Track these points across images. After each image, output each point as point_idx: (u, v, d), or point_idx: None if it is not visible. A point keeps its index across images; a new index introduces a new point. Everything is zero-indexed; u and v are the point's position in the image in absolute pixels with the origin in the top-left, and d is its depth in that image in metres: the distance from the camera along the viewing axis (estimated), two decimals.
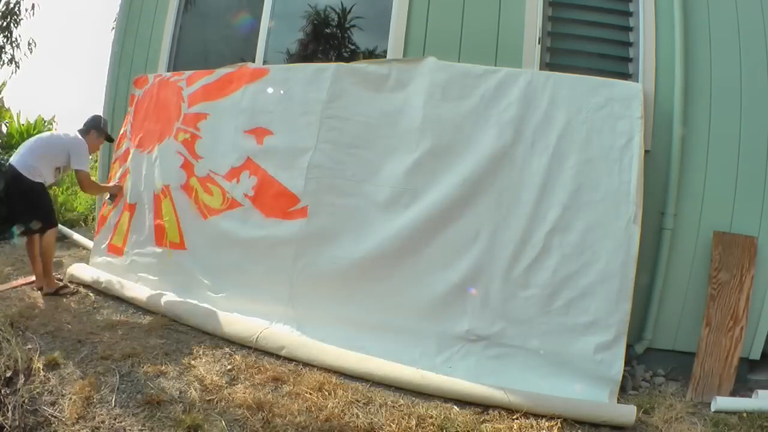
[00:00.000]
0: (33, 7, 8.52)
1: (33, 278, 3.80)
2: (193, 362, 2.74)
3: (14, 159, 3.53)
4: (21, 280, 3.77)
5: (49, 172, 3.58)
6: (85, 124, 3.80)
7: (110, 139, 4.05)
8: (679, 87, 3.16)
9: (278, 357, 2.86)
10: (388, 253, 3.04)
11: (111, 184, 4.06)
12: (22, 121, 6.41)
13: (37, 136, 3.86)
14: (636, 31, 3.35)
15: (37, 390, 2.35)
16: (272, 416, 2.29)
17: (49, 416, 2.19)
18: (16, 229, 3.76)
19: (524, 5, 3.42)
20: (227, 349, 2.92)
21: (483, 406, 2.52)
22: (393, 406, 2.46)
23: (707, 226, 3.13)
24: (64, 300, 3.46)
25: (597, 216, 2.86)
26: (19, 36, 8.67)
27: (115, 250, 3.89)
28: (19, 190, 3.42)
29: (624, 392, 2.83)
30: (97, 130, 3.81)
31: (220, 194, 3.44)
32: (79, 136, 3.69)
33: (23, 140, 5.87)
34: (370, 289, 3.05)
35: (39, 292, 3.56)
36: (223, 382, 2.57)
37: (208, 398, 2.41)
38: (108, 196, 4.07)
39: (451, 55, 3.40)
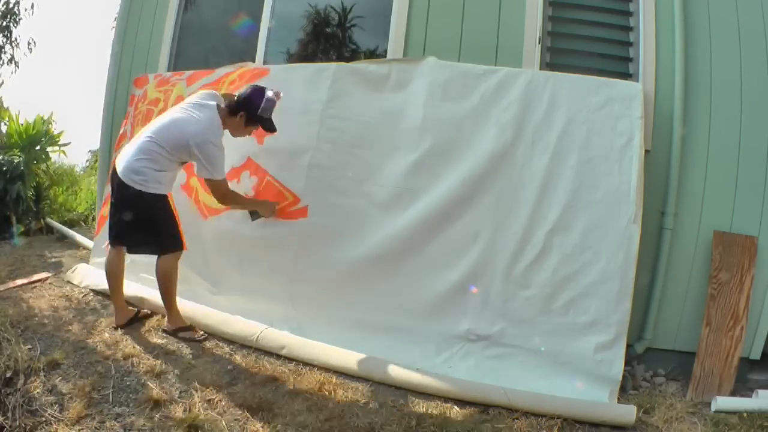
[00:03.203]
0: (32, 6, 8.54)
1: (34, 278, 3.79)
2: (193, 362, 2.74)
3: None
4: (21, 280, 3.77)
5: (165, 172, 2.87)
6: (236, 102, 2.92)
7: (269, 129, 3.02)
8: (679, 87, 3.16)
9: (278, 357, 2.86)
10: (389, 253, 3.04)
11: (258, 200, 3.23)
12: (21, 121, 6.41)
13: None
14: (636, 30, 3.35)
15: (37, 390, 2.35)
16: (272, 416, 2.29)
17: (49, 416, 2.19)
18: (16, 229, 3.76)
19: (524, 5, 3.42)
20: (227, 349, 2.92)
21: (483, 406, 2.52)
22: (393, 406, 2.46)
23: (707, 226, 3.13)
24: (63, 301, 3.45)
25: (597, 216, 2.86)
26: (19, 36, 8.70)
27: None
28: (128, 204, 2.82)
29: (624, 392, 2.83)
30: (248, 112, 2.90)
31: None
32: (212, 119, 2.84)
33: (22, 140, 5.88)
34: (370, 289, 3.05)
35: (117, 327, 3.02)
36: (223, 382, 2.57)
37: (208, 398, 2.41)
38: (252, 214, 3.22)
39: (451, 54, 3.40)
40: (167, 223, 2.93)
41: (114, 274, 3.05)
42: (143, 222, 2.85)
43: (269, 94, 2.91)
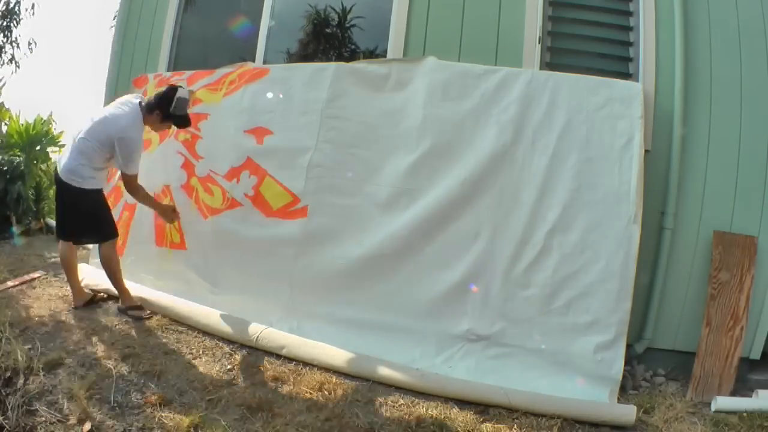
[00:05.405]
0: (33, 6, 8.54)
1: (26, 278, 3.78)
2: (193, 362, 2.74)
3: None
4: (20, 279, 3.77)
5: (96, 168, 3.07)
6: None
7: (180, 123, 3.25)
8: (679, 87, 3.16)
9: (278, 357, 2.86)
10: (389, 253, 3.04)
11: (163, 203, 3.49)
12: (21, 121, 6.42)
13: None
14: (636, 30, 3.35)
15: (37, 390, 2.35)
16: (272, 416, 2.29)
17: (49, 416, 2.19)
18: (16, 229, 3.75)
19: (524, 5, 3.42)
20: (227, 349, 2.92)
21: (483, 406, 2.52)
22: (393, 406, 2.46)
23: (707, 226, 3.13)
24: (63, 301, 3.45)
25: (597, 216, 2.86)
26: (19, 36, 8.71)
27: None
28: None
29: (624, 392, 2.83)
30: (162, 110, 3.10)
31: (220, 194, 3.44)
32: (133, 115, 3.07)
33: (22, 140, 5.88)
34: (370, 289, 3.05)
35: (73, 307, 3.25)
36: (223, 382, 2.57)
37: (208, 398, 2.41)
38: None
39: (451, 54, 3.40)
40: (105, 213, 3.23)
41: (67, 261, 3.30)
42: (85, 215, 3.13)
43: (181, 93, 3.13)
